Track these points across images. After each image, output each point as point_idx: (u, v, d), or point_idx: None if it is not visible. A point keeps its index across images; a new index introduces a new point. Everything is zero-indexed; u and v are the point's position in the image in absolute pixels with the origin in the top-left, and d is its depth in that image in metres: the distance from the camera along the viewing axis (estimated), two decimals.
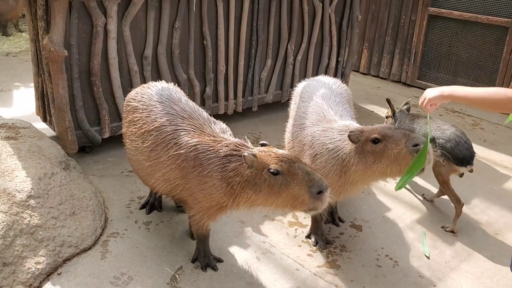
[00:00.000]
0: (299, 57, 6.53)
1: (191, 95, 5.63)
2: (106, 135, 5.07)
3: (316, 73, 6.88)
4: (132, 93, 3.79)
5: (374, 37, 8.53)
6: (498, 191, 4.92)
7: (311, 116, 3.79)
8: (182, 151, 3.27)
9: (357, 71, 8.87)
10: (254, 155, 2.99)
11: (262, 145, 3.28)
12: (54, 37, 4.39)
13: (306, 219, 4.22)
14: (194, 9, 5.25)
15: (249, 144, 3.26)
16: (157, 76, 5.25)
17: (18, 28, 10.35)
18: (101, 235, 3.86)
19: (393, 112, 4.86)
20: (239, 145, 3.22)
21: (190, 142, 3.27)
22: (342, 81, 6.89)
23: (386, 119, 5.10)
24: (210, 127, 3.39)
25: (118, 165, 4.92)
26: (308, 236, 3.96)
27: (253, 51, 6.01)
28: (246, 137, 3.33)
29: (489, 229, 4.27)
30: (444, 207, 4.57)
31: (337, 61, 7.05)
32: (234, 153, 3.16)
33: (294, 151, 3.82)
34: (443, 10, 7.50)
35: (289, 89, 6.61)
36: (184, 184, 3.33)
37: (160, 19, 5.08)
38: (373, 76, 8.62)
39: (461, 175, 4.37)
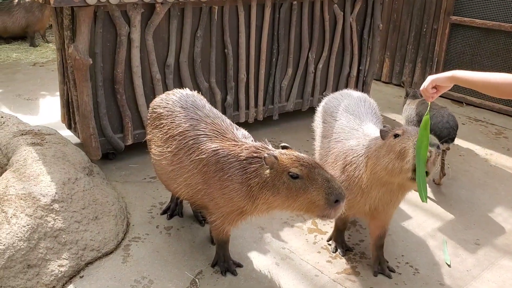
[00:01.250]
0: (320, 66, 6.56)
1: (213, 103, 5.66)
2: (129, 142, 5.15)
3: (337, 82, 6.89)
4: (157, 100, 3.87)
5: (396, 46, 8.51)
6: None
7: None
8: (203, 156, 3.31)
9: (379, 80, 8.84)
10: (275, 157, 3.00)
11: (284, 147, 3.26)
12: (79, 45, 4.50)
13: (325, 226, 4.22)
14: (216, 18, 5.33)
15: (270, 147, 3.29)
16: (179, 85, 5.33)
17: (45, 39, 10.60)
18: (123, 239, 3.92)
19: (407, 93, 5.45)
20: (259, 148, 3.24)
21: (211, 147, 3.31)
22: (363, 90, 6.96)
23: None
24: (232, 132, 3.43)
25: (141, 171, 5.00)
26: (328, 241, 3.95)
27: (274, 59, 6.06)
28: (266, 140, 3.36)
29: (511, 238, 4.22)
30: (466, 216, 4.52)
31: (358, 70, 7.04)
32: (255, 155, 3.19)
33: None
34: (465, 19, 7.45)
35: (309, 97, 6.63)
36: (206, 189, 3.36)
37: (182, 28, 5.16)
38: (395, 85, 8.59)
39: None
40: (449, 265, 3.81)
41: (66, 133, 5.44)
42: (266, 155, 3.01)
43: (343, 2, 6.43)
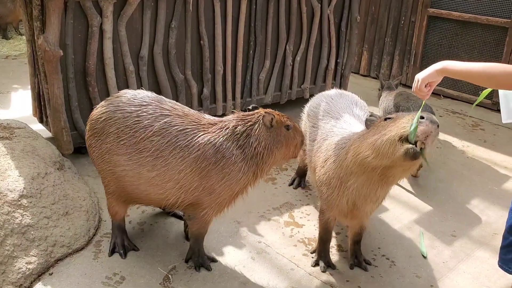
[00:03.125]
0: (298, 58, 6.50)
1: (189, 96, 5.60)
2: None
3: (315, 74, 6.84)
4: (100, 108, 3.33)
5: (374, 39, 8.49)
6: (498, 192, 4.86)
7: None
8: (199, 152, 3.13)
9: (357, 73, 8.82)
10: (273, 115, 3.23)
11: (254, 108, 3.43)
12: (49, 37, 4.37)
13: (302, 219, 4.18)
14: (191, 8, 5.22)
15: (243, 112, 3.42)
16: (153, 76, 5.22)
17: (18, 31, 10.35)
18: (94, 235, 3.82)
19: (382, 86, 5.75)
20: (242, 117, 3.31)
21: (204, 140, 3.16)
22: (341, 83, 6.91)
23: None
24: (204, 117, 3.35)
25: None
26: (312, 253, 3.73)
27: (251, 51, 5.98)
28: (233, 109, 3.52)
29: (487, 229, 4.21)
30: (443, 208, 4.51)
31: (336, 63, 7.00)
32: (244, 125, 3.26)
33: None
34: (442, 11, 7.46)
35: (288, 90, 6.57)
36: (204, 184, 3.17)
37: (156, 19, 5.05)
38: (373, 78, 8.57)
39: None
40: (425, 257, 3.79)
41: (38, 127, 5.28)
42: (265, 114, 3.22)
43: None
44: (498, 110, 7.08)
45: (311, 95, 4.84)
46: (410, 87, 8.08)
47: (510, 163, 5.52)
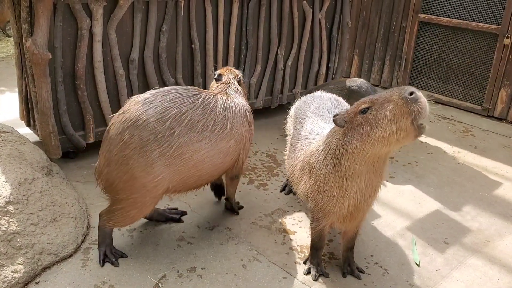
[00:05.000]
0: (289, 63, 6.47)
1: None
2: (91, 140, 4.95)
3: (306, 79, 6.82)
4: (150, 119, 3.24)
5: (364, 44, 8.49)
6: (489, 198, 4.85)
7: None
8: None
9: (348, 78, 8.80)
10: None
11: (218, 76, 3.94)
12: (37, 39, 4.29)
13: (294, 226, 4.13)
14: (182, 12, 5.17)
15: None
16: (144, 80, 5.16)
17: (5, 32, 10.22)
18: (82, 242, 3.74)
19: None
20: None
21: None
22: None
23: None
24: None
25: None
26: (305, 262, 3.67)
27: (242, 56, 5.93)
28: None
29: (480, 236, 4.20)
30: (435, 215, 4.49)
31: (328, 67, 6.99)
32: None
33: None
34: (433, 17, 7.47)
35: (279, 95, 6.54)
36: (242, 145, 3.74)
37: (147, 22, 4.99)
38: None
39: None
40: (418, 265, 3.76)
41: (25, 130, 5.20)
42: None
43: None
44: (488, 116, 7.13)
45: None
46: None
47: (500, 169, 5.52)
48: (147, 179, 3.25)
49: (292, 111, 4.19)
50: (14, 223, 3.37)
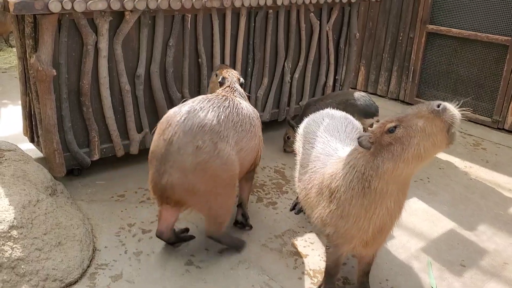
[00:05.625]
0: (296, 75, 6.36)
1: None
2: (96, 157, 4.84)
3: (313, 91, 6.71)
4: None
5: (371, 54, 8.39)
6: (505, 216, 4.73)
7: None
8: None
9: (354, 88, 8.70)
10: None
11: (222, 79, 4.01)
12: (42, 55, 4.19)
13: (305, 248, 4.01)
14: (189, 26, 5.07)
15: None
16: (150, 96, 5.05)
17: (8, 43, 10.14)
18: (88, 266, 3.62)
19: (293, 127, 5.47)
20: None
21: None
22: None
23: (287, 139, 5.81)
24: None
25: (108, 189, 4.70)
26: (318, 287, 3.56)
27: (249, 69, 5.83)
28: None
29: (497, 259, 4.07)
30: (450, 235, 4.37)
31: (335, 79, 6.88)
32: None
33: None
34: (441, 28, 7.37)
35: (286, 107, 6.43)
36: None
37: (153, 37, 4.89)
38: (371, 93, 8.46)
39: (371, 125, 5.47)
40: None
41: (29, 146, 5.10)
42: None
43: (320, 11, 6.25)
44: (499, 128, 7.01)
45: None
46: (408, 103, 7.98)
47: None
48: (228, 174, 3.47)
49: (301, 129, 4.06)
50: (18, 248, 3.26)
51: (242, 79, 4.18)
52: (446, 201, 4.94)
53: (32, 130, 5.00)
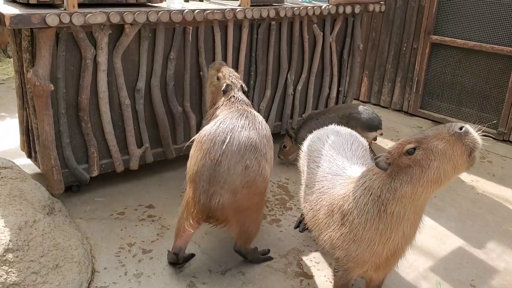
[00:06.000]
0: (299, 87, 6.26)
1: (187, 128, 5.33)
2: (95, 173, 4.72)
3: (316, 103, 6.61)
4: None
5: (374, 65, 8.29)
6: None
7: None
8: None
9: (357, 99, 8.60)
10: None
11: (226, 87, 3.95)
12: (39, 70, 4.09)
13: (311, 268, 3.88)
14: (190, 39, 4.97)
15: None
16: (150, 109, 4.95)
17: (6, 53, 10.04)
18: None
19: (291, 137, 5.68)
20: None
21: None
22: None
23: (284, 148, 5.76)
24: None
25: (107, 206, 4.58)
26: None
27: (251, 81, 5.72)
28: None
29: (508, 278, 3.95)
30: (458, 252, 4.25)
31: (338, 91, 6.77)
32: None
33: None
34: (446, 38, 7.27)
35: (289, 120, 6.32)
36: None
37: (154, 50, 4.79)
38: (374, 104, 8.36)
39: (375, 139, 5.61)
40: None
41: (26, 161, 4.99)
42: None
43: (323, 22, 6.16)
44: (504, 140, 6.90)
45: None
46: (412, 114, 7.87)
47: None
48: (265, 190, 3.62)
49: (305, 148, 3.94)
50: (13, 273, 3.13)
51: (245, 86, 4.13)
52: (453, 217, 4.82)
53: (29, 145, 4.89)
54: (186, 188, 3.55)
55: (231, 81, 4.04)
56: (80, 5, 4.22)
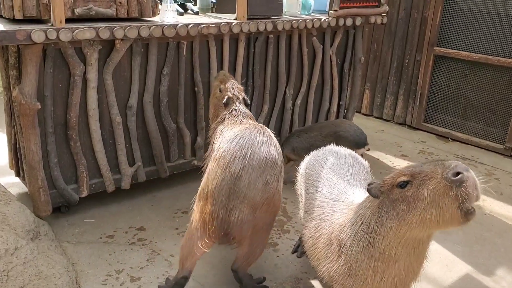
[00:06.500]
0: (298, 102, 6.06)
1: (181, 146, 5.14)
2: (84, 193, 4.53)
3: (316, 118, 6.41)
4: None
5: (376, 77, 8.09)
6: None
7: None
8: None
9: (359, 112, 8.40)
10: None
11: (227, 100, 3.87)
12: (25, 88, 3.91)
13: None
14: (184, 54, 4.79)
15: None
16: (143, 127, 4.76)
17: None
18: None
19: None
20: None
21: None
22: None
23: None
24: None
25: (97, 228, 4.38)
26: None
27: (248, 96, 5.52)
28: None
29: None
30: (466, 281, 4.03)
31: (339, 105, 6.57)
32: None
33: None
34: (450, 50, 7.08)
35: (287, 135, 6.12)
36: None
37: (146, 66, 4.60)
38: (376, 117, 8.15)
39: (362, 155, 5.05)
40: None
41: (15, 179, 4.81)
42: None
43: (323, 34, 5.97)
44: (511, 156, 6.69)
45: None
46: (415, 128, 7.66)
47: None
48: (278, 209, 3.57)
49: (302, 170, 3.74)
50: None
51: (247, 99, 4.06)
52: (460, 241, 4.60)
53: (17, 164, 4.71)
54: (194, 206, 3.40)
55: (233, 94, 3.94)
56: (68, 20, 4.04)
